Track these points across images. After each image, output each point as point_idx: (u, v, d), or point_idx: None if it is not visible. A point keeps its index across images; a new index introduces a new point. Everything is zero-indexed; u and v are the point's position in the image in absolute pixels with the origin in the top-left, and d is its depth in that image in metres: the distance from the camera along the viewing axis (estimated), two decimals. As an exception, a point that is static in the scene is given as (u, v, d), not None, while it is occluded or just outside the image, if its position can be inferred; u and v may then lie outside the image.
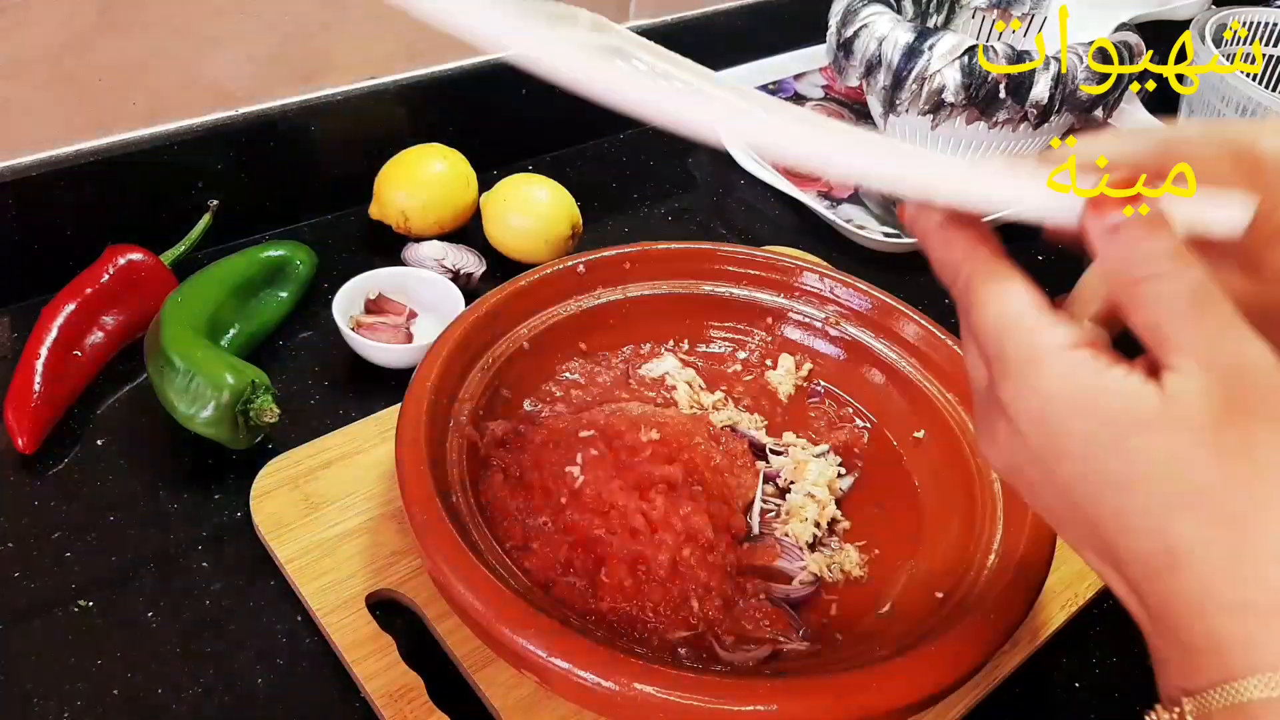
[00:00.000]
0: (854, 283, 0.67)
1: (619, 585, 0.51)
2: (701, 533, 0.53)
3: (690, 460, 0.56)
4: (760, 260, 0.69)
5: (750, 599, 0.53)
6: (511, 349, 0.62)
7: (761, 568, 0.55)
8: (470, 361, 0.59)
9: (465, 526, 0.50)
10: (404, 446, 0.51)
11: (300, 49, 0.76)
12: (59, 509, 0.58)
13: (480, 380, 0.59)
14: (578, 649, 0.43)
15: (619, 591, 0.51)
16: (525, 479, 0.56)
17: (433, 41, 0.82)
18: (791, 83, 1.06)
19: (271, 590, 0.55)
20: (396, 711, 0.49)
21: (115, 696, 0.50)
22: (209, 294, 0.66)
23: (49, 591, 0.54)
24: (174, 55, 0.70)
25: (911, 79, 0.85)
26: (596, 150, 0.96)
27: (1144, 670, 0.57)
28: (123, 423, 0.63)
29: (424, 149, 0.79)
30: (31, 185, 0.68)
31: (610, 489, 0.53)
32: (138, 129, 0.72)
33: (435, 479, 0.50)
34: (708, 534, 0.53)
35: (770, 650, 0.50)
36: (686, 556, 0.52)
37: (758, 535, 0.56)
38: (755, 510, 0.57)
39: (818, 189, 0.91)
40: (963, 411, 0.61)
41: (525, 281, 0.63)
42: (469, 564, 0.46)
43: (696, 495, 0.54)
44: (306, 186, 0.81)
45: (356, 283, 0.70)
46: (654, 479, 0.54)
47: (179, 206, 0.74)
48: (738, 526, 0.55)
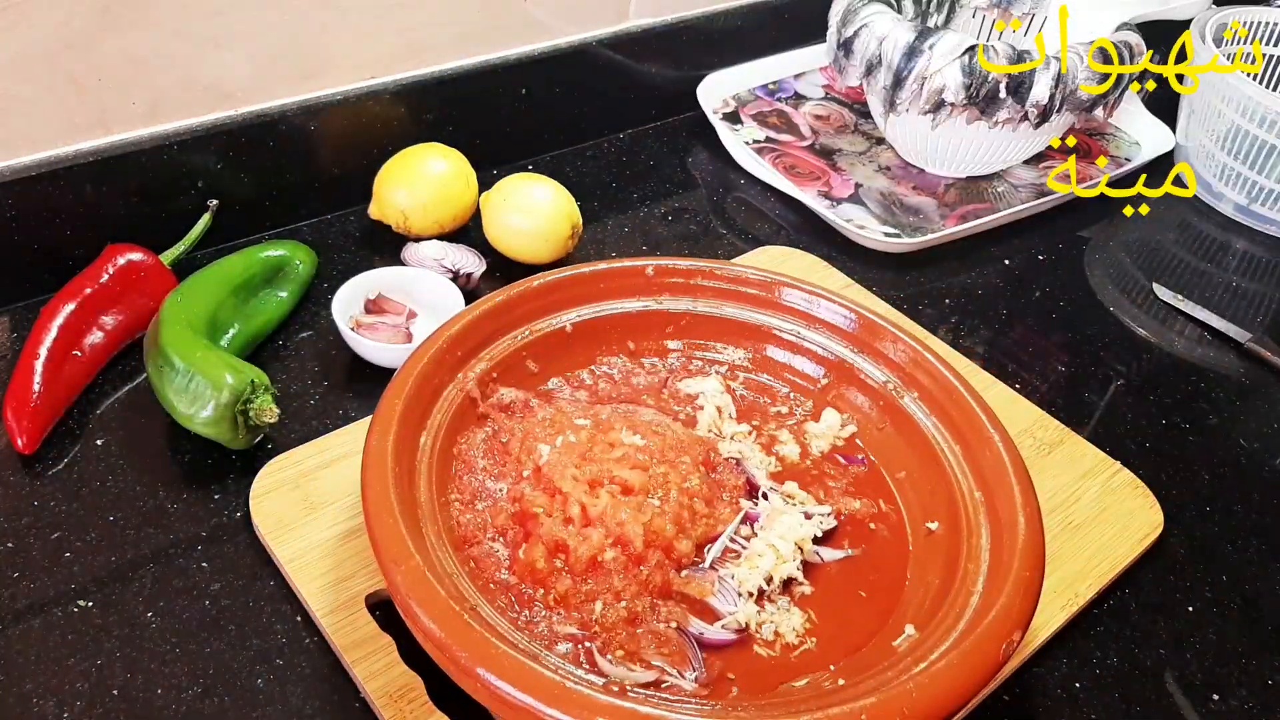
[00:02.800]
0: (924, 355, 0.62)
1: (530, 564, 0.52)
2: (631, 542, 0.52)
3: (664, 476, 0.55)
4: (835, 302, 0.65)
5: (659, 623, 0.51)
6: (554, 328, 0.63)
7: (691, 599, 0.53)
8: (506, 326, 0.61)
9: (414, 467, 0.52)
10: (399, 376, 0.54)
11: (300, 49, 0.76)
12: (59, 509, 0.58)
13: (508, 347, 0.61)
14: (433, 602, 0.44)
15: (528, 571, 0.52)
16: (507, 444, 0.57)
17: (433, 41, 0.82)
18: (791, 82, 1.06)
19: (271, 590, 0.55)
20: (396, 711, 0.49)
21: (115, 696, 0.50)
22: (209, 294, 0.66)
23: (49, 591, 0.54)
24: (174, 55, 0.70)
25: (912, 78, 0.85)
26: (596, 150, 0.96)
27: (1144, 670, 0.58)
28: (123, 423, 0.63)
29: (424, 149, 0.79)
30: (31, 185, 0.68)
31: (564, 474, 0.54)
32: (138, 129, 0.72)
33: (408, 415, 0.52)
34: (637, 545, 0.52)
35: (654, 678, 0.49)
36: (607, 560, 0.52)
37: (705, 568, 0.54)
38: (718, 545, 0.55)
39: (818, 188, 0.91)
40: (980, 506, 0.56)
41: (589, 270, 0.65)
42: (389, 509, 0.48)
43: (646, 508, 0.53)
44: (306, 186, 0.81)
45: (356, 283, 0.70)
46: (610, 478, 0.54)
47: (179, 206, 0.74)
48: (683, 552, 0.53)
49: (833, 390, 0.65)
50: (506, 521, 0.54)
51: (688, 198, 0.92)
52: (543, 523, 0.53)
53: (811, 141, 0.99)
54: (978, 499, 0.56)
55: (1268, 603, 0.62)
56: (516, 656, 0.43)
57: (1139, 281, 0.89)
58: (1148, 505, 0.64)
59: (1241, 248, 0.96)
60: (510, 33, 0.86)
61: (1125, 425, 0.73)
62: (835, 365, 0.65)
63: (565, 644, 0.50)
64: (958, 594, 0.51)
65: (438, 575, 0.46)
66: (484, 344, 0.60)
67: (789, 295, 0.66)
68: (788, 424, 0.64)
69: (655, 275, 0.66)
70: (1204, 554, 0.64)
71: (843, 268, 0.82)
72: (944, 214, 0.91)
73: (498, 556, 0.53)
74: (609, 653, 0.49)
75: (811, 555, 0.56)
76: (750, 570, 0.54)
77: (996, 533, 0.53)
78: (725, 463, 0.60)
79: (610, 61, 0.93)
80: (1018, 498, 0.53)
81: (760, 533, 0.56)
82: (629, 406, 0.62)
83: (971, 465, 0.57)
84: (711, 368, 0.67)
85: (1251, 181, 0.95)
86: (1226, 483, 0.70)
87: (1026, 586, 0.49)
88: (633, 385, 0.64)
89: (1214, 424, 0.75)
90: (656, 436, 0.57)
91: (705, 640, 0.51)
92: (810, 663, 0.51)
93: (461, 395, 0.58)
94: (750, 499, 0.58)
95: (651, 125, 1.00)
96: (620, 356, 0.66)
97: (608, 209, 0.88)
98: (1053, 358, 0.79)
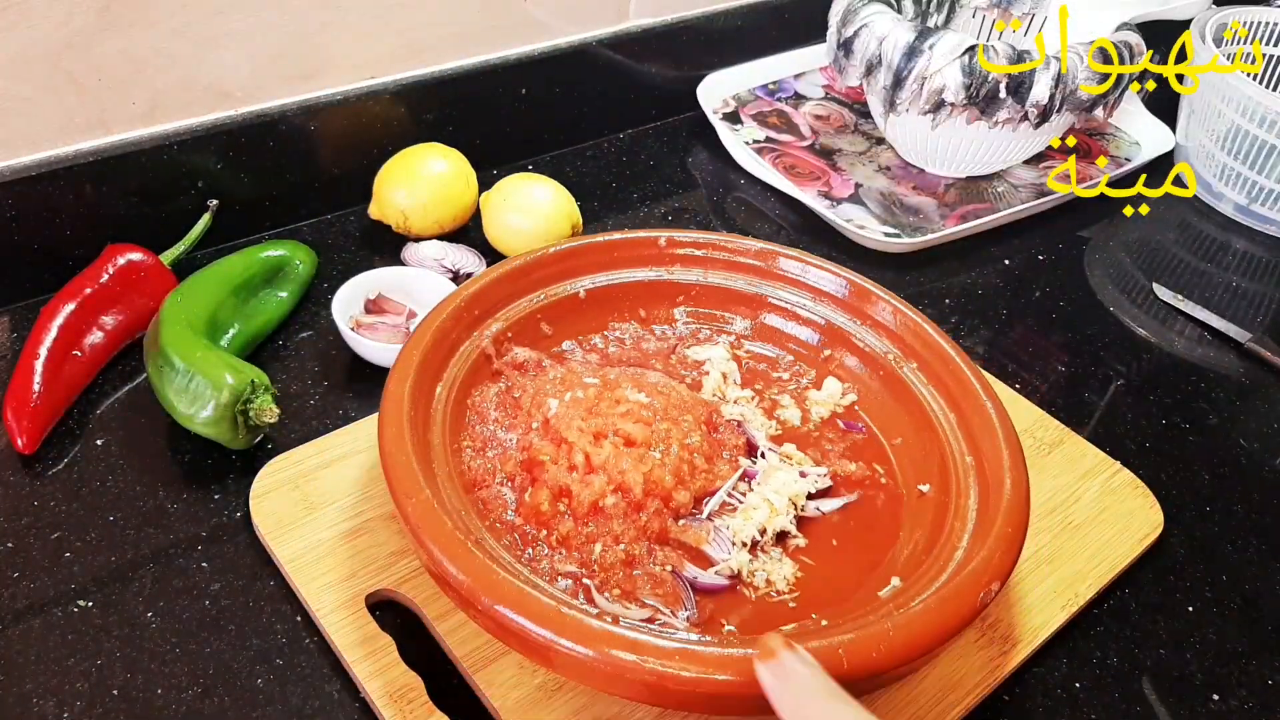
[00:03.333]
0: (923, 326, 0.64)
1: (535, 507, 0.54)
2: (631, 490, 0.54)
3: (666, 432, 0.57)
4: (839, 278, 0.67)
5: (655, 566, 0.54)
6: (568, 293, 0.66)
7: (688, 546, 0.55)
8: (523, 289, 0.64)
9: (429, 414, 0.55)
10: (418, 330, 0.58)
11: (300, 49, 0.76)
12: (59, 509, 0.58)
13: (525, 308, 0.64)
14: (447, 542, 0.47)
15: (533, 512, 0.54)
16: (519, 399, 0.60)
17: (433, 41, 0.82)
18: (791, 82, 1.06)
19: (271, 590, 0.55)
20: (396, 711, 0.49)
21: (115, 696, 0.50)
22: (209, 294, 0.66)
23: (49, 591, 0.54)
24: (174, 55, 0.70)
25: (912, 78, 0.85)
26: (596, 150, 0.96)
27: (1144, 670, 0.58)
28: (123, 423, 0.63)
29: (424, 149, 0.79)
30: (31, 185, 0.68)
31: (571, 425, 0.57)
32: (138, 129, 0.72)
33: (425, 365, 0.56)
34: (636, 493, 0.54)
35: (648, 616, 0.51)
36: (609, 505, 0.54)
37: (702, 518, 0.57)
38: (716, 498, 0.57)
39: (818, 188, 0.92)
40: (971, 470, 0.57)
41: (604, 239, 0.67)
42: (403, 448, 0.50)
43: (647, 459, 0.55)
44: (306, 186, 0.81)
45: (356, 283, 0.70)
46: (615, 430, 0.56)
47: (179, 206, 0.74)
48: (681, 502, 0.56)
49: (833, 360, 0.67)
50: (515, 468, 0.57)
51: (688, 198, 0.92)
52: (548, 469, 0.55)
53: (811, 141, 0.99)
54: (968, 463, 0.58)
55: (1268, 603, 0.62)
56: (516, 584, 0.45)
57: (1139, 281, 0.89)
58: (1148, 505, 0.64)
59: (1241, 248, 0.96)
60: (510, 33, 0.86)
61: (1125, 425, 0.73)
62: (830, 331, 0.68)
63: (565, 580, 0.52)
64: (943, 549, 0.53)
65: (446, 509, 0.48)
66: (501, 304, 0.63)
67: (785, 265, 0.69)
68: (789, 389, 0.67)
69: (667, 246, 0.68)
70: (1204, 554, 0.64)
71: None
72: (944, 214, 0.91)
73: (505, 499, 0.55)
74: (606, 590, 0.52)
75: (810, 510, 0.59)
76: (745, 521, 0.56)
77: (984, 494, 0.55)
78: (727, 424, 0.62)
79: (610, 61, 0.93)
80: (1005, 460, 0.55)
81: (756, 488, 0.58)
82: (637, 369, 0.65)
83: (964, 431, 0.59)
84: (719, 336, 0.69)
85: (1251, 181, 0.95)
86: (1226, 483, 0.70)
87: (1008, 541, 0.51)
88: (642, 350, 0.67)
89: (1214, 424, 0.75)
90: (661, 396, 0.60)
91: (699, 584, 0.54)
92: (800, 609, 0.54)
93: (477, 351, 0.61)
94: (750, 458, 0.61)
95: (651, 125, 1.00)
96: (632, 323, 0.68)
97: (608, 209, 0.88)
98: (1053, 358, 0.79)
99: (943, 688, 0.54)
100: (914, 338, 0.64)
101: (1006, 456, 0.55)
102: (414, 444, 0.51)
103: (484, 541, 0.49)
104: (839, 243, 0.87)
